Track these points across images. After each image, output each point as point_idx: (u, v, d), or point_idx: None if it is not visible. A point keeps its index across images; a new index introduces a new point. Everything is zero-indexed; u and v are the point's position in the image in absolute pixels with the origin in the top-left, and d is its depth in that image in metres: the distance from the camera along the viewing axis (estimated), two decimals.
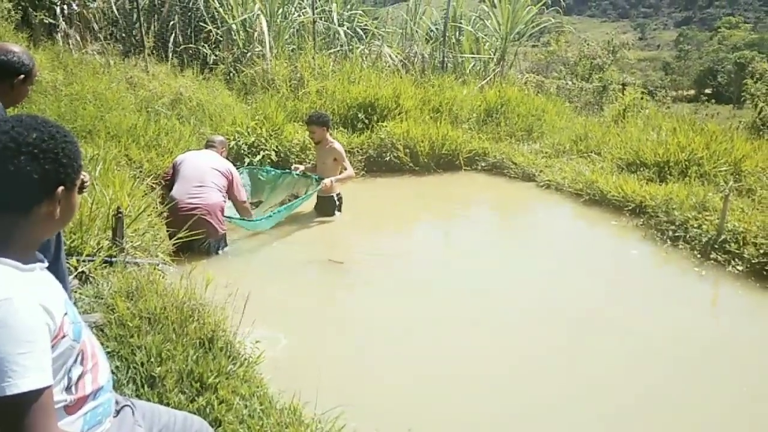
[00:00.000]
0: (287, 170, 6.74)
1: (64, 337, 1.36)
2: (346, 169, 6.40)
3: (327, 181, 6.16)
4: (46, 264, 1.45)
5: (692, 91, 42.63)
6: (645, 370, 3.70)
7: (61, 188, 1.37)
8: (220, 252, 5.26)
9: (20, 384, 1.19)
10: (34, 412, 1.21)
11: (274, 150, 7.34)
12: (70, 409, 1.41)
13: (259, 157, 7.14)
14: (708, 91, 41.51)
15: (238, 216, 5.69)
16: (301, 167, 6.57)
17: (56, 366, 1.32)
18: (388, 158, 8.30)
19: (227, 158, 5.87)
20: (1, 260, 1.31)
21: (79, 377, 1.44)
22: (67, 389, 1.40)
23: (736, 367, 3.79)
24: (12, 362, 1.19)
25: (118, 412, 1.60)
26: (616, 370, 3.69)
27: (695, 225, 5.60)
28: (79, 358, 1.44)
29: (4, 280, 1.28)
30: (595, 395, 3.43)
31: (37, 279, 1.38)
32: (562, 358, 3.81)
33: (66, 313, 1.39)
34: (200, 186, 5.20)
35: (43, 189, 1.35)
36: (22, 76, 2.78)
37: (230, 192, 5.47)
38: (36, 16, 8.83)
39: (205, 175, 5.27)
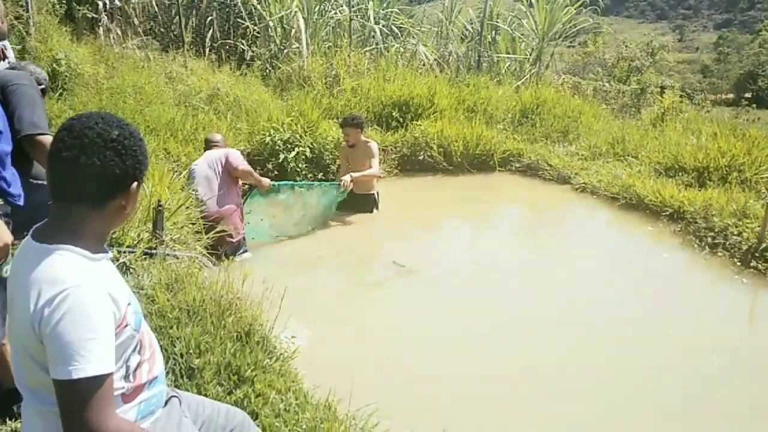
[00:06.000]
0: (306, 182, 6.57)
1: (126, 326, 1.40)
2: (371, 166, 6.28)
3: (346, 178, 6.05)
4: (111, 255, 1.49)
5: (731, 95, 41.67)
6: (683, 376, 3.64)
7: (135, 184, 1.43)
8: (237, 258, 4.94)
9: (87, 369, 1.23)
10: (96, 397, 1.25)
11: (308, 146, 7.38)
12: (126, 397, 1.45)
13: (293, 153, 7.19)
14: (748, 95, 40.54)
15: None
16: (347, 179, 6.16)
17: (117, 354, 1.36)
18: (421, 157, 8.29)
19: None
20: (73, 249, 1.36)
21: (137, 366, 1.47)
22: (125, 377, 1.44)
23: None
24: (80, 347, 1.24)
25: (166, 402, 1.63)
26: (655, 375, 3.63)
27: (735, 232, 5.48)
28: (138, 347, 1.48)
29: (76, 268, 1.32)
30: (633, 399, 3.39)
31: (105, 269, 1.43)
32: (596, 362, 3.76)
33: (129, 303, 1.43)
34: (211, 194, 5.03)
35: (121, 183, 1.40)
36: None
37: (235, 172, 5.18)
38: (79, 10, 9.02)
39: (210, 182, 5.09)
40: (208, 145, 5.49)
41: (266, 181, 5.53)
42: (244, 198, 5.56)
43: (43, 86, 3.24)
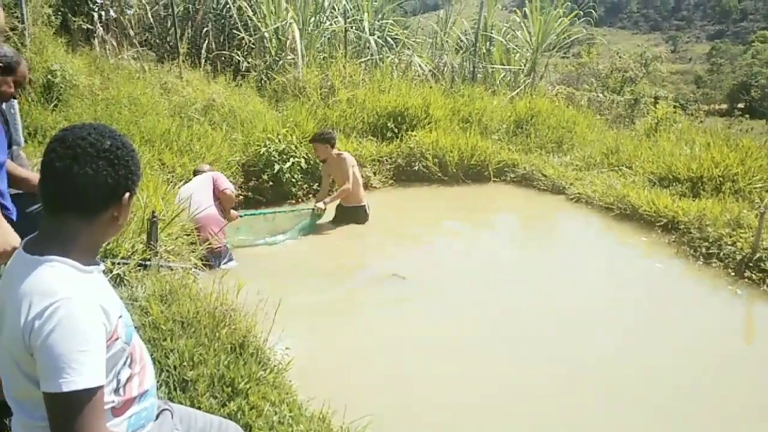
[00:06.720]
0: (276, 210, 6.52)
1: (117, 339, 1.39)
2: (347, 179, 6.24)
3: (320, 204, 6.16)
4: (103, 267, 1.48)
5: (724, 106, 41.94)
6: (679, 382, 3.64)
7: (127, 194, 1.42)
8: (222, 266, 5.05)
9: (78, 381, 1.22)
10: (86, 410, 1.24)
11: (303, 157, 7.39)
12: (116, 411, 1.44)
13: (289, 164, 7.20)
14: (740, 105, 40.83)
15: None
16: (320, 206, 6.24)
17: (107, 367, 1.35)
18: (416, 168, 8.31)
19: None
20: (65, 260, 1.35)
21: (127, 380, 1.46)
22: (116, 391, 1.43)
23: None
24: (71, 359, 1.23)
25: (157, 415, 1.62)
26: (651, 380, 3.63)
27: (729, 242, 5.49)
28: (128, 360, 1.47)
29: (67, 280, 1.32)
30: (629, 401, 3.38)
31: (96, 281, 1.42)
32: (591, 367, 3.75)
33: (120, 316, 1.42)
34: (196, 207, 5.08)
35: (114, 194, 1.40)
36: None
37: (220, 194, 5.38)
38: (75, 21, 9.02)
39: (192, 195, 5.16)
40: (197, 175, 5.65)
41: (234, 213, 5.69)
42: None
43: (4, 63, 2.96)
